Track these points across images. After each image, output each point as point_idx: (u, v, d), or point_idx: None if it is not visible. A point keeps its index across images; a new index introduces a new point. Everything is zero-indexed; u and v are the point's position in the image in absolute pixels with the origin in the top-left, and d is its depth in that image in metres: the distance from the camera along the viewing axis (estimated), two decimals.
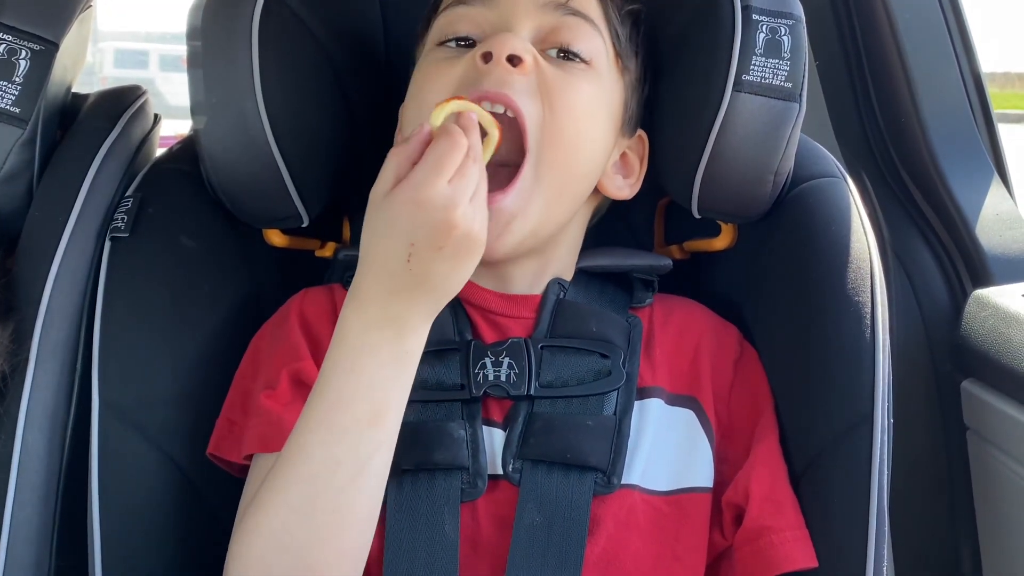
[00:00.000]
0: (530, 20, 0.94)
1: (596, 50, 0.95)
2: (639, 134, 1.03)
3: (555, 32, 0.94)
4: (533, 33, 0.94)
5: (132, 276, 1.01)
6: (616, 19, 0.98)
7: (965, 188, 1.37)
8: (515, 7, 0.94)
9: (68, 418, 0.98)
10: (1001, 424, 1.19)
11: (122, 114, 1.12)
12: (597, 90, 0.95)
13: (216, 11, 0.99)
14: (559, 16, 0.94)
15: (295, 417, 0.83)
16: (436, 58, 0.96)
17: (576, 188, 0.96)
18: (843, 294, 0.94)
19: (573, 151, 0.93)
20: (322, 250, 1.12)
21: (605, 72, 0.96)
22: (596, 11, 0.97)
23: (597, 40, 0.96)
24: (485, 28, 0.94)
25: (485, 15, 0.94)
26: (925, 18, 1.41)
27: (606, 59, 0.96)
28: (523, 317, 0.96)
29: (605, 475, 0.89)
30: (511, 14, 0.93)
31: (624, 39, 0.99)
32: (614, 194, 1.01)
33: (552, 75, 0.92)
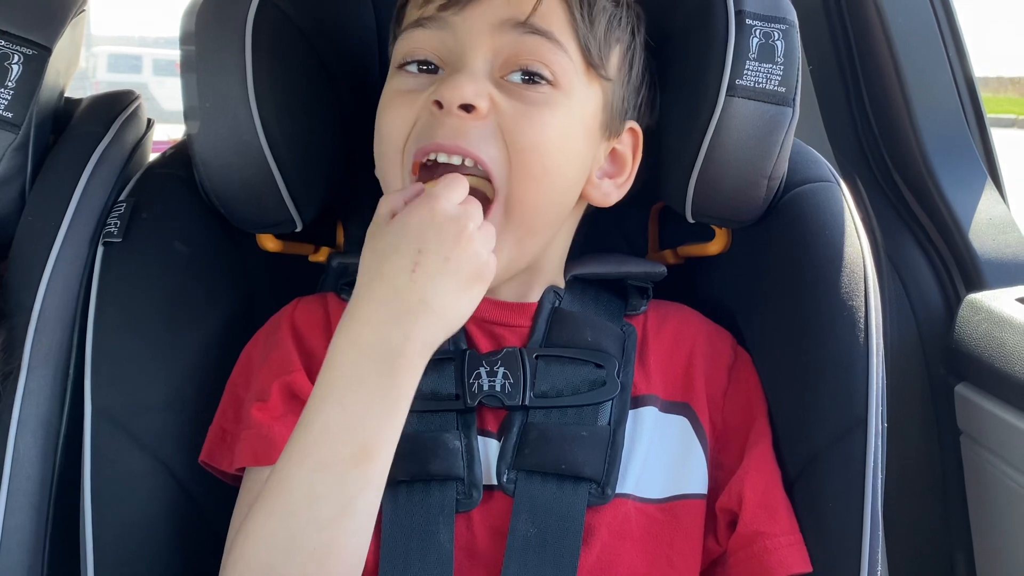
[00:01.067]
0: (487, 44, 0.89)
1: (561, 68, 0.90)
2: (629, 127, 0.99)
3: (515, 55, 0.89)
4: (491, 57, 0.89)
5: (125, 281, 1.00)
6: (585, 24, 0.92)
7: (958, 192, 1.37)
8: (470, 31, 0.89)
9: (60, 424, 0.98)
10: (995, 428, 1.19)
11: (115, 119, 1.12)
12: (566, 114, 0.91)
13: (210, 16, 0.99)
14: (518, 36, 0.89)
15: (286, 431, 0.82)
16: (397, 88, 0.93)
17: (551, 216, 0.94)
18: (837, 299, 0.94)
19: (544, 185, 0.90)
20: (316, 255, 1.12)
21: (575, 87, 0.91)
22: (560, 22, 0.91)
23: (561, 58, 0.90)
24: (443, 52, 0.91)
25: (442, 38, 0.91)
26: (918, 23, 1.41)
27: (575, 73, 0.91)
28: (518, 326, 0.96)
29: (599, 486, 0.89)
30: (467, 38, 0.89)
31: (598, 42, 0.92)
32: (601, 202, 0.98)
33: (511, 115, 0.88)
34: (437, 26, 0.90)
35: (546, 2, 0.90)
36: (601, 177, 0.98)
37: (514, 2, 0.89)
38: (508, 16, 0.89)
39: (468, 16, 0.89)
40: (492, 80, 0.89)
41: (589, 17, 0.92)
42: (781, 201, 1.02)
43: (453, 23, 0.90)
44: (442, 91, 0.87)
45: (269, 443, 0.87)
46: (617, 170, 0.99)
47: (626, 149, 0.99)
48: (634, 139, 0.99)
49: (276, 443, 0.85)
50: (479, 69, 0.89)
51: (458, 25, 0.90)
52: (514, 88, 0.89)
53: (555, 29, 0.90)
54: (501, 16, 0.89)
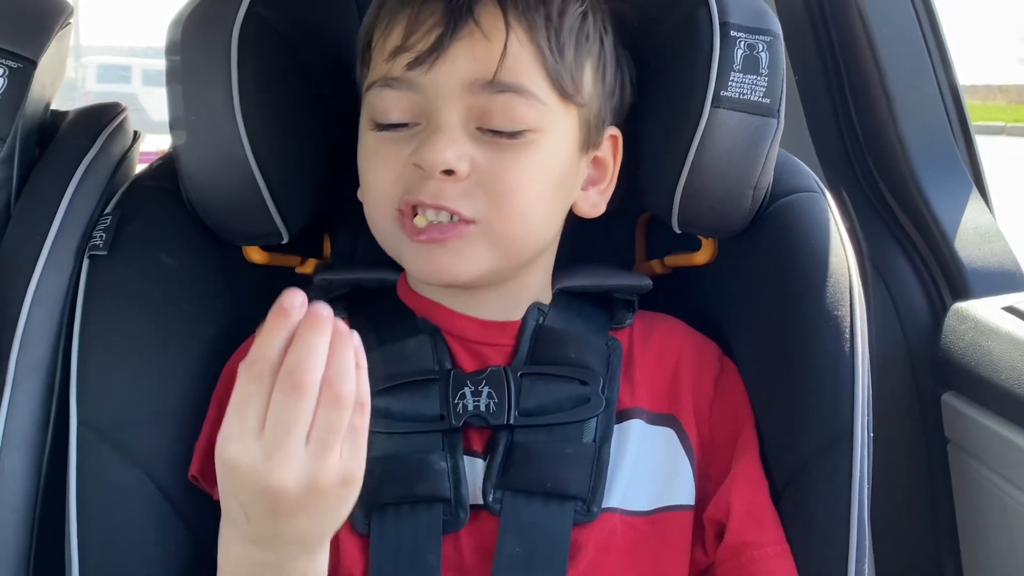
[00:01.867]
0: (458, 104, 0.87)
1: (536, 115, 0.88)
2: (610, 134, 0.98)
3: (487, 114, 0.87)
4: (465, 112, 0.88)
5: (111, 295, 1.00)
6: (555, 57, 0.89)
7: (944, 201, 1.38)
8: (440, 93, 0.87)
9: (46, 439, 0.97)
10: (981, 437, 1.19)
11: (101, 131, 1.12)
12: (545, 151, 0.90)
13: (196, 27, 0.99)
14: (489, 95, 0.87)
15: None
16: (374, 144, 0.92)
17: (535, 242, 0.94)
18: (822, 308, 0.94)
19: (527, 220, 0.91)
20: (303, 266, 1.11)
21: (552, 124, 0.90)
22: (528, 66, 0.89)
23: (535, 106, 0.88)
24: (416, 112, 0.89)
25: (412, 99, 0.88)
26: (903, 33, 1.42)
27: (550, 112, 0.90)
28: (502, 344, 0.95)
29: (585, 503, 0.89)
30: (438, 99, 0.88)
31: (569, 71, 0.91)
32: (589, 213, 0.99)
33: (490, 166, 0.88)
34: (406, 87, 0.89)
35: (511, 50, 0.88)
36: (586, 187, 0.98)
37: (480, 57, 0.87)
38: (475, 76, 0.87)
39: (436, 77, 0.87)
40: (468, 133, 0.88)
41: (558, 48, 0.90)
42: (767, 211, 1.02)
43: (422, 84, 0.88)
44: (422, 155, 0.86)
45: None
46: (600, 175, 0.99)
47: (607, 154, 0.99)
48: (614, 143, 0.99)
49: None
50: (455, 126, 0.88)
51: (427, 86, 0.88)
52: (491, 140, 0.88)
53: (525, 79, 0.88)
54: (468, 76, 0.87)
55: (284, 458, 0.66)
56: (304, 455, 0.67)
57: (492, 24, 0.88)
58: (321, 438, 0.67)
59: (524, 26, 0.89)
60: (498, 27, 0.88)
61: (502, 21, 0.88)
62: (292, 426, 0.66)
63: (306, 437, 0.67)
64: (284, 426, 0.66)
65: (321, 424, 0.67)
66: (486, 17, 0.88)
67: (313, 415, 0.67)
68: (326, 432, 0.67)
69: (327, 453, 0.67)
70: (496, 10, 0.88)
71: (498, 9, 0.88)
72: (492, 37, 0.87)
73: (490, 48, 0.87)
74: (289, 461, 0.66)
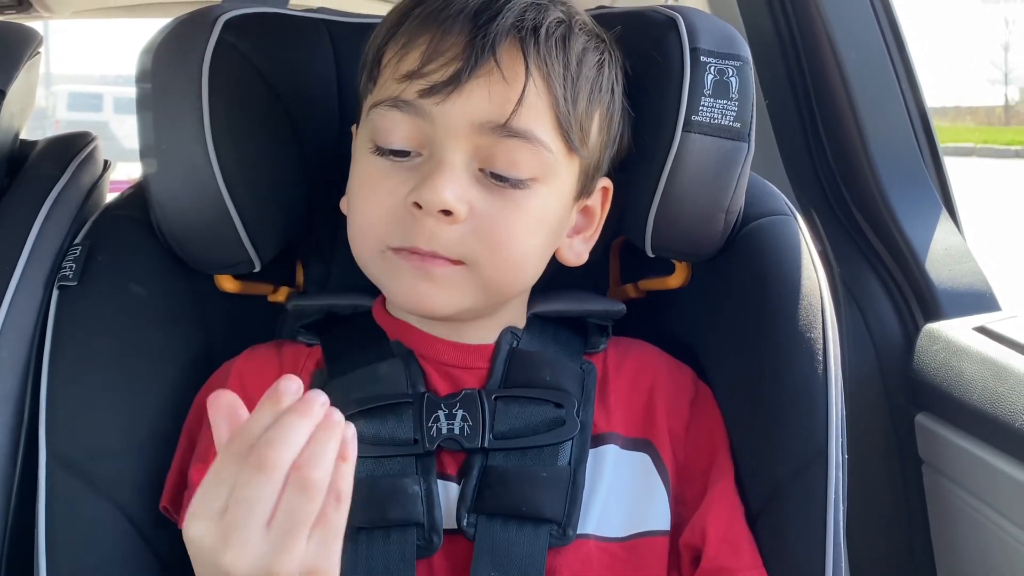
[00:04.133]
0: (465, 142, 0.86)
1: (540, 165, 0.87)
2: (602, 185, 0.98)
3: (492, 157, 0.86)
4: (470, 154, 0.86)
5: (81, 325, 0.99)
6: (568, 105, 0.88)
7: (914, 223, 1.39)
8: (449, 128, 0.85)
9: (15, 471, 0.96)
10: (955, 457, 1.20)
11: (71, 161, 1.11)
12: (543, 201, 0.89)
13: (167, 55, 0.98)
14: (497, 139, 0.86)
15: None
16: (373, 170, 0.90)
17: (520, 286, 0.95)
18: (795, 331, 0.95)
19: (516, 268, 0.91)
20: (275, 295, 1.11)
21: (555, 173, 0.89)
22: (540, 114, 0.87)
23: (541, 155, 0.87)
24: (420, 140, 0.87)
25: (420, 126, 0.86)
26: (871, 57, 1.44)
27: (555, 161, 0.88)
28: (476, 368, 0.95)
29: (560, 527, 0.88)
30: (445, 134, 0.86)
31: (579, 121, 0.89)
32: (572, 262, 0.98)
33: (488, 215, 0.87)
34: (415, 112, 0.86)
35: (528, 96, 0.86)
36: (571, 235, 0.98)
37: (496, 98, 0.85)
38: (488, 118, 0.85)
39: (448, 110, 0.85)
40: (471, 173, 0.87)
41: (572, 97, 0.88)
42: (739, 235, 1.03)
43: (432, 113, 0.85)
44: (423, 193, 0.85)
45: None
46: (587, 223, 0.99)
47: (596, 203, 0.98)
48: (604, 193, 0.99)
49: None
50: (459, 165, 0.86)
51: (438, 117, 0.85)
52: (493, 185, 0.87)
53: (535, 125, 0.86)
54: (481, 116, 0.85)
55: (240, 541, 0.63)
56: (262, 541, 0.64)
57: (512, 66, 0.86)
58: (282, 524, 0.64)
59: (543, 72, 0.87)
60: (518, 70, 0.86)
61: (523, 65, 0.86)
62: (252, 506, 0.63)
63: (267, 521, 0.64)
64: (245, 506, 0.63)
65: (284, 509, 0.64)
66: (507, 58, 0.86)
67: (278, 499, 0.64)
68: (287, 518, 0.64)
69: (288, 542, 0.64)
70: (518, 52, 0.86)
71: (519, 52, 0.86)
72: (511, 80, 0.85)
73: (507, 91, 0.85)
74: (244, 544, 0.63)
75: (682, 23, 0.97)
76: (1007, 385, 1.12)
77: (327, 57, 1.11)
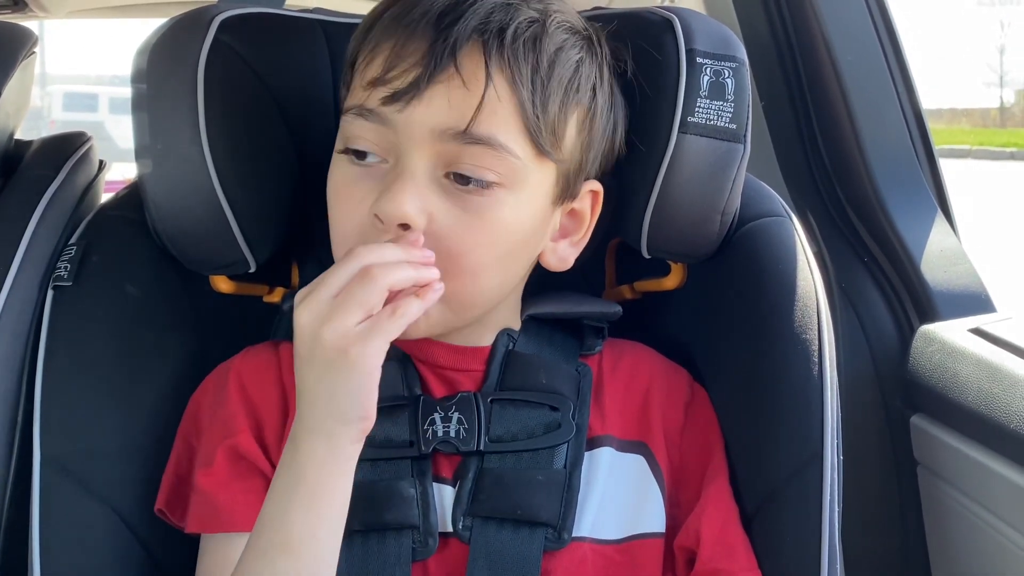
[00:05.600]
0: (428, 147, 0.84)
1: (507, 169, 0.85)
2: (590, 188, 0.95)
3: (455, 162, 0.84)
4: (434, 159, 0.84)
5: (75, 326, 0.99)
6: (536, 109, 0.85)
7: (909, 225, 1.39)
8: (410, 136, 0.84)
9: (8, 474, 0.96)
10: (950, 459, 1.20)
11: (66, 161, 1.11)
12: (508, 211, 0.86)
13: (162, 55, 0.98)
14: (459, 145, 0.84)
15: (230, 497, 0.86)
16: (344, 176, 0.89)
17: (490, 299, 0.92)
18: (790, 333, 0.95)
19: (481, 280, 0.88)
20: (270, 295, 1.11)
21: (523, 179, 0.86)
22: (505, 119, 0.84)
23: (506, 160, 0.84)
24: (384, 145, 0.86)
25: (384, 134, 0.85)
26: (867, 59, 1.44)
27: (523, 167, 0.86)
28: (472, 370, 0.95)
29: (555, 530, 0.88)
30: (407, 140, 0.84)
31: (551, 125, 0.86)
32: (557, 267, 0.96)
33: (448, 225, 0.85)
34: (378, 120, 0.85)
35: (489, 102, 0.83)
36: (557, 239, 0.95)
37: (456, 104, 0.83)
38: (448, 124, 0.83)
39: (409, 117, 0.84)
40: (435, 180, 0.85)
41: (541, 102, 0.85)
42: (735, 236, 1.03)
43: (394, 120, 0.84)
44: (381, 206, 0.83)
45: (214, 511, 0.87)
46: (575, 227, 0.96)
47: (585, 206, 0.96)
48: (594, 196, 0.96)
49: (220, 511, 0.86)
50: (420, 173, 0.84)
51: (399, 124, 0.84)
52: (457, 192, 0.85)
53: (499, 131, 0.84)
54: (442, 123, 0.83)
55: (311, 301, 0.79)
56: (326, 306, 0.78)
57: (472, 72, 0.83)
58: (341, 298, 0.78)
59: (506, 77, 0.84)
60: (479, 76, 0.83)
61: (484, 69, 0.83)
62: (329, 281, 0.79)
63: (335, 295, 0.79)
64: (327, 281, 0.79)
65: (347, 289, 0.78)
66: (468, 63, 0.83)
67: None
68: (347, 296, 0.78)
69: (340, 313, 0.78)
70: (479, 56, 0.84)
71: (481, 56, 0.84)
72: (471, 86, 0.83)
73: (467, 97, 0.83)
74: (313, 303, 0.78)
75: (678, 24, 0.97)
76: (1002, 387, 1.12)
77: (323, 57, 1.11)
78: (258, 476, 0.89)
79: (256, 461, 0.89)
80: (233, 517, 0.87)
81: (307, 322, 0.78)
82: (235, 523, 0.87)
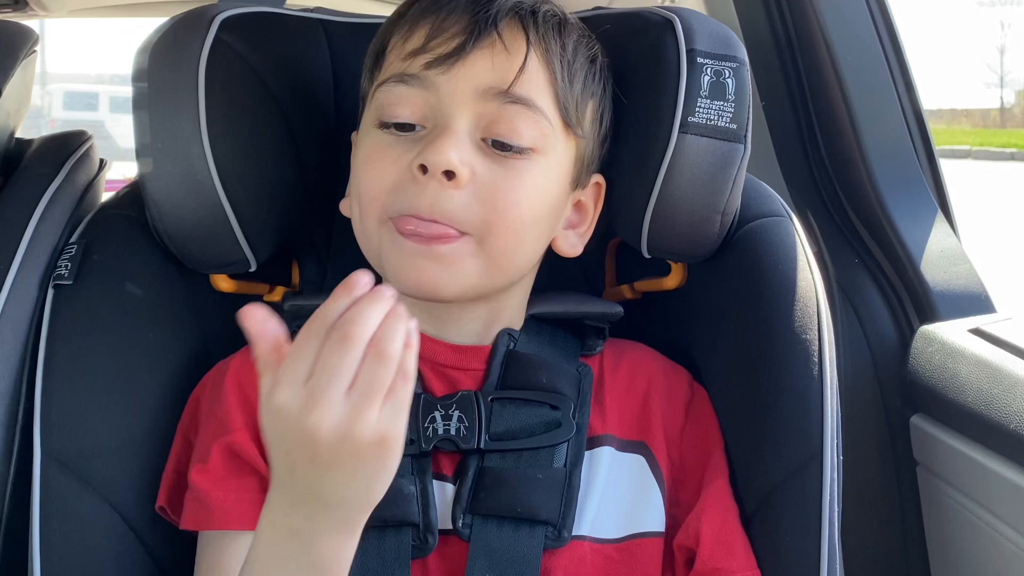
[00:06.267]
0: (469, 110, 0.89)
1: (540, 134, 0.90)
2: (595, 180, 1.00)
3: (495, 123, 0.89)
4: (475, 120, 0.89)
5: (76, 324, 0.99)
6: (565, 83, 0.92)
7: (910, 225, 1.39)
8: (454, 95, 0.89)
9: (9, 471, 0.96)
10: (950, 459, 1.20)
11: (66, 160, 1.11)
12: (543, 173, 0.91)
13: (163, 54, 0.98)
14: (500, 104, 0.89)
15: (225, 495, 0.86)
16: (377, 144, 0.91)
17: (522, 261, 0.94)
18: (790, 333, 0.95)
19: (520, 235, 0.91)
20: (271, 295, 1.11)
21: (553, 147, 0.92)
22: (540, 85, 0.91)
23: (541, 123, 0.90)
24: (425, 112, 0.90)
25: (425, 98, 0.89)
26: (867, 60, 1.44)
27: (553, 135, 0.91)
28: (473, 369, 0.95)
29: (555, 528, 0.89)
30: (450, 102, 0.89)
31: (575, 100, 0.93)
32: (568, 252, 0.99)
33: (491, 180, 0.88)
34: (420, 84, 0.89)
35: (529, 68, 0.90)
36: (566, 228, 0.99)
37: (498, 67, 0.89)
38: (491, 84, 0.89)
39: (453, 78, 0.89)
40: (474, 142, 0.89)
41: (569, 77, 0.93)
42: (735, 236, 1.03)
43: (437, 83, 0.89)
44: (427, 155, 0.86)
45: (207, 509, 0.87)
46: (580, 220, 1.00)
47: (589, 200, 1.00)
48: (597, 190, 1.00)
49: (213, 510, 0.87)
50: (463, 132, 0.88)
51: (442, 86, 0.89)
52: (496, 155, 0.89)
53: (536, 95, 0.90)
54: (485, 82, 0.89)
55: (324, 403, 0.68)
56: (343, 404, 0.68)
57: (513, 39, 0.90)
58: (362, 390, 0.69)
59: (541, 48, 0.91)
60: (519, 42, 0.90)
61: (523, 38, 0.91)
62: (335, 374, 0.68)
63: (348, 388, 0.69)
64: (328, 373, 0.68)
65: (364, 377, 0.69)
66: (508, 32, 0.90)
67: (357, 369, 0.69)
68: (368, 385, 0.69)
69: (366, 407, 0.68)
70: (519, 28, 0.91)
71: (520, 28, 0.91)
72: (512, 51, 0.90)
73: (509, 60, 0.90)
74: (328, 406, 0.68)
75: (679, 24, 0.97)
76: (1001, 387, 1.12)
77: (323, 56, 1.11)
78: (253, 475, 0.89)
79: (251, 460, 0.89)
80: (227, 515, 0.87)
81: (330, 427, 0.68)
82: (229, 521, 0.87)
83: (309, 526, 0.72)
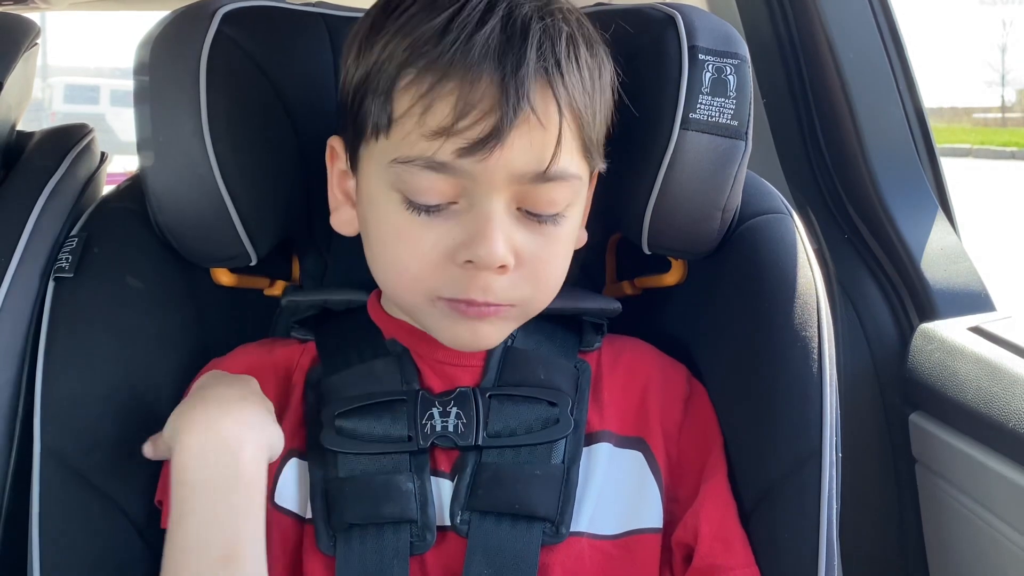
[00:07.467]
0: (504, 192, 0.83)
1: (572, 192, 0.87)
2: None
3: (531, 198, 0.84)
4: (509, 199, 0.84)
5: (76, 317, 0.99)
6: (591, 127, 0.87)
7: (910, 223, 1.39)
8: (491, 181, 0.82)
9: (8, 465, 0.96)
10: (948, 456, 1.20)
11: (67, 153, 1.11)
12: (573, 222, 0.90)
13: (165, 47, 0.98)
14: (537, 184, 0.83)
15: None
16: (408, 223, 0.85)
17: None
18: (790, 330, 0.95)
19: (556, 289, 0.92)
20: (271, 289, 1.11)
21: (580, 192, 0.89)
22: (573, 148, 0.85)
23: (574, 184, 0.86)
24: (458, 191, 0.83)
25: (458, 181, 0.82)
26: (869, 57, 1.44)
27: (582, 183, 0.89)
28: (471, 365, 0.95)
29: (553, 525, 0.89)
30: (488, 186, 0.82)
31: (598, 131, 0.89)
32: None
33: (532, 254, 0.86)
34: (452, 172, 0.82)
35: (564, 138, 0.83)
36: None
37: (535, 144, 0.82)
38: (528, 168, 0.82)
39: (491, 168, 0.81)
40: (511, 215, 0.85)
41: (593, 116, 0.87)
42: (735, 233, 1.03)
43: (472, 171, 0.81)
44: (478, 253, 0.82)
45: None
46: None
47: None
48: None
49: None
50: (501, 214, 0.84)
51: (478, 173, 0.81)
52: (531, 223, 0.86)
53: (570, 163, 0.85)
54: (521, 167, 0.82)
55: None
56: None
57: (545, 108, 0.82)
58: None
59: (572, 106, 0.84)
60: (551, 111, 0.82)
61: (555, 104, 0.82)
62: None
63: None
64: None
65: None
66: (540, 101, 0.81)
67: None
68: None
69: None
70: (548, 92, 0.82)
71: (550, 91, 0.82)
72: (547, 124, 0.82)
73: (545, 136, 0.82)
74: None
75: (680, 21, 0.97)
76: (1001, 385, 1.12)
77: (325, 50, 1.11)
78: None
79: None
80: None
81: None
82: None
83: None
